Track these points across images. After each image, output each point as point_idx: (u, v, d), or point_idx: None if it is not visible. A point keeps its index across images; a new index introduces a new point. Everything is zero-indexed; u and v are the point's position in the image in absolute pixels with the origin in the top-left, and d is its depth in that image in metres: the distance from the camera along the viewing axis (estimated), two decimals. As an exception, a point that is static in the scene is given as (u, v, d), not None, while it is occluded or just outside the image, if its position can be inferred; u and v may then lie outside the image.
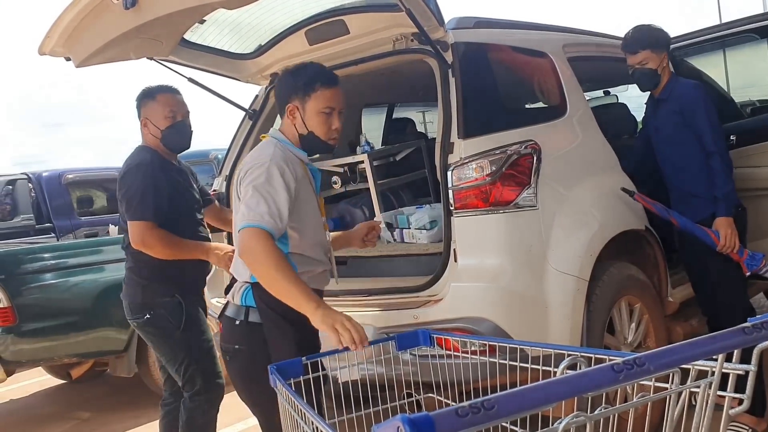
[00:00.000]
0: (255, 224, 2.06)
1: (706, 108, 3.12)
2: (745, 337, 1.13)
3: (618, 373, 1.04)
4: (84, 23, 2.95)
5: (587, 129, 3.39)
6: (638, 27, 3.32)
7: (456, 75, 2.97)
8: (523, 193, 2.87)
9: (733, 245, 3.11)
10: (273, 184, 2.12)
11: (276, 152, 2.20)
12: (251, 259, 2.06)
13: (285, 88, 2.33)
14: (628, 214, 3.32)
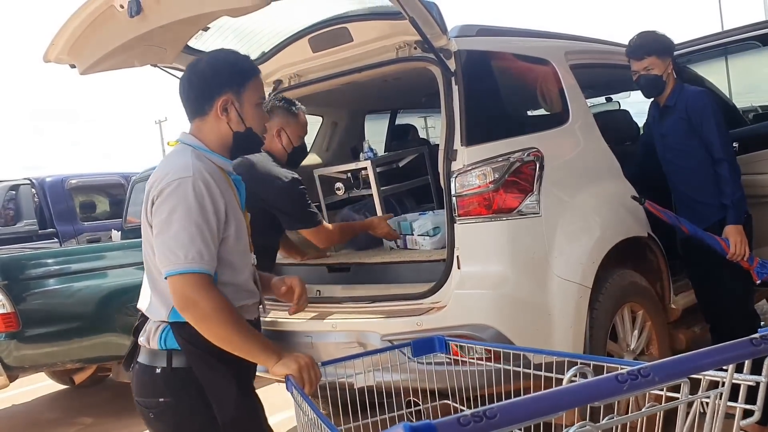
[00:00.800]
0: (193, 269, 1.73)
1: (714, 115, 3.14)
2: (753, 348, 1.13)
3: (622, 383, 1.04)
4: (89, 31, 2.97)
5: (589, 136, 3.40)
6: (643, 33, 3.33)
7: (459, 82, 2.98)
8: (525, 201, 2.88)
9: (743, 253, 3.11)
10: (204, 209, 1.77)
11: (196, 163, 1.82)
12: (197, 315, 1.75)
13: (212, 79, 1.91)
14: (631, 221, 3.33)
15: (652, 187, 3.55)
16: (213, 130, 1.93)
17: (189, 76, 1.95)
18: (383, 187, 3.80)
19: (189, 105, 1.95)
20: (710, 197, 3.21)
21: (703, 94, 3.24)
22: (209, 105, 1.91)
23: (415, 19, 2.79)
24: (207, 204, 1.77)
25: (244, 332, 1.79)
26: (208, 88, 1.91)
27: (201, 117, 1.93)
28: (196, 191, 1.76)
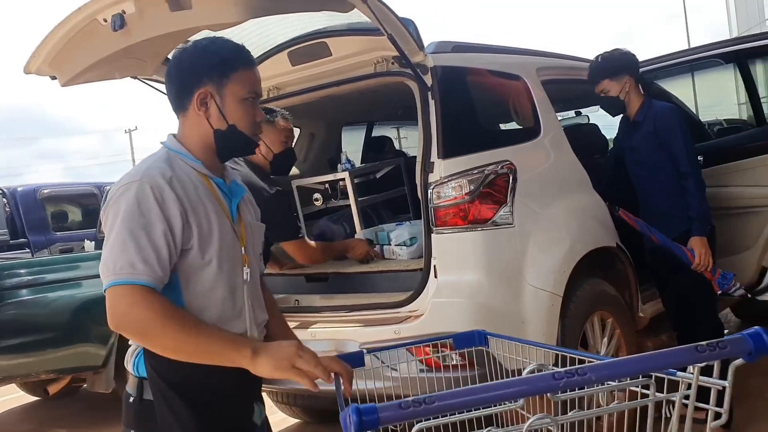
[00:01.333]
0: (121, 281, 1.49)
1: (682, 131, 3.27)
2: (697, 355, 1.16)
3: (558, 380, 1.11)
4: (71, 44, 3.00)
5: (560, 149, 3.52)
6: (596, 58, 3.49)
7: (435, 97, 3.07)
8: (500, 212, 2.98)
9: (707, 264, 3.24)
10: (145, 214, 1.54)
11: (154, 166, 1.62)
12: (134, 331, 1.53)
13: (190, 69, 1.70)
14: (600, 232, 3.44)
15: (622, 199, 3.68)
16: (194, 127, 1.72)
17: (169, 69, 1.76)
18: (361, 198, 3.88)
19: (171, 100, 1.77)
20: (676, 209, 3.34)
21: (671, 111, 3.38)
22: (188, 99, 1.70)
23: (393, 36, 2.87)
24: (151, 208, 1.54)
25: (199, 334, 1.52)
26: (187, 81, 1.70)
27: (182, 113, 1.73)
28: (139, 195, 1.55)
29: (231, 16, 2.67)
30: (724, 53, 4.11)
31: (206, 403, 1.62)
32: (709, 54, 4.13)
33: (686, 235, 3.30)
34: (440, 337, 1.91)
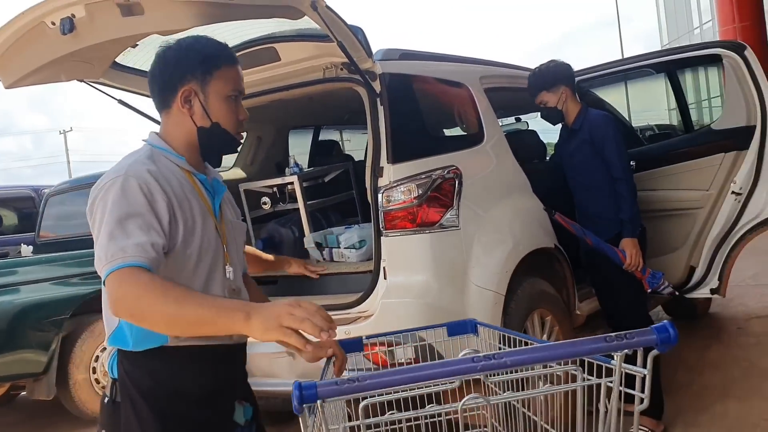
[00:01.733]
0: (113, 267, 1.44)
1: (615, 139, 3.44)
2: (604, 344, 1.27)
3: (476, 363, 1.22)
4: (17, 46, 2.97)
5: (502, 155, 3.66)
6: (533, 72, 3.66)
7: (384, 103, 3.16)
8: (446, 215, 3.09)
9: (637, 264, 3.42)
10: (132, 202, 1.52)
11: (138, 162, 1.61)
12: (128, 309, 1.44)
13: (174, 67, 1.70)
14: (540, 234, 3.59)
15: (560, 203, 3.84)
16: (177, 125, 1.72)
17: (153, 66, 1.75)
18: (310, 202, 3.93)
19: (154, 98, 1.76)
20: (609, 212, 3.50)
21: (605, 118, 3.55)
22: (172, 96, 1.70)
23: (342, 43, 2.94)
24: (138, 199, 1.53)
25: (189, 304, 1.40)
26: (171, 78, 1.70)
27: (166, 111, 1.73)
28: (125, 188, 1.53)
29: (182, 23, 2.69)
30: (655, 63, 4.33)
31: (174, 410, 1.60)
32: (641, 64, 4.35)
33: (619, 237, 3.47)
34: (435, 325, 1.99)
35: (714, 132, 4.01)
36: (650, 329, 1.25)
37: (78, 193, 6.46)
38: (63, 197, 6.56)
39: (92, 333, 5.07)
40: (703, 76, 16.48)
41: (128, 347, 1.60)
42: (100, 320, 5.02)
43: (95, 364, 5.10)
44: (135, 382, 1.59)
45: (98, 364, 5.12)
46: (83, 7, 2.69)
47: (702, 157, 3.95)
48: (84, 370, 5.00)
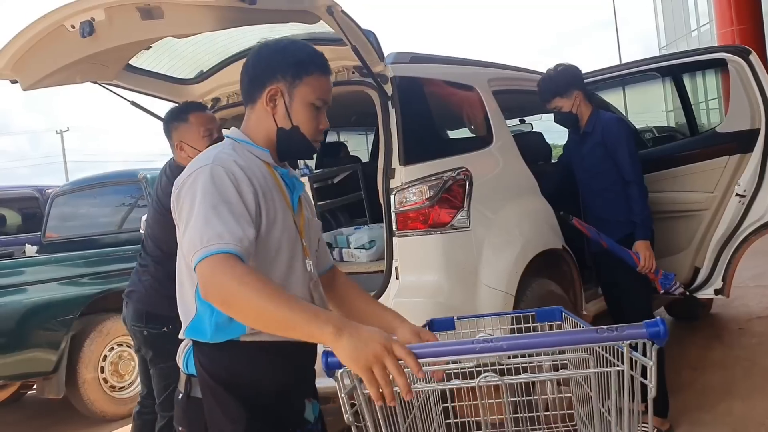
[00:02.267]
0: (210, 252, 1.44)
1: (627, 142, 3.49)
2: (595, 335, 1.35)
3: (475, 345, 1.33)
4: (36, 48, 3.01)
5: (510, 156, 3.70)
6: (544, 78, 3.67)
7: (396, 106, 3.21)
8: (457, 216, 3.14)
9: (651, 266, 3.46)
10: (223, 191, 1.53)
11: (223, 153, 1.63)
12: (220, 296, 1.42)
13: (266, 65, 1.73)
14: (549, 235, 3.64)
15: (567, 203, 3.88)
16: (259, 121, 1.74)
17: (247, 61, 1.77)
18: (319, 203, 3.98)
19: (243, 91, 1.78)
20: (620, 215, 3.54)
21: (618, 122, 3.60)
22: (259, 93, 1.73)
23: (356, 47, 2.99)
24: (226, 185, 1.54)
25: (281, 304, 1.39)
26: (261, 75, 1.72)
27: (251, 106, 1.76)
28: (214, 176, 1.55)
29: (202, 27, 2.74)
30: (660, 67, 4.39)
31: (255, 399, 1.59)
32: (647, 68, 4.41)
33: (629, 238, 3.52)
34: (525, 311, 2.07)
35: (719, 135, 4.06)
36: (641, 324, 1.33)
37: (84, 193, 6.50)
38: (69, 197, 6.59)
39: (101, 332, 5.11)
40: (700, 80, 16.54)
41: (206, 338, 1.59)
42: (108, 320, 5.11)
43: (103, 363, 5.15)
44: (215, 375, 1.58)
45: (106, 364, 5.16)
46: (103, 10, 2.74)
47: (707, 160, 4.01)
48: (92, 370, 5.04)
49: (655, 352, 1.36)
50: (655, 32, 33.02)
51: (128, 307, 3.26)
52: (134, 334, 3.26)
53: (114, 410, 5.14)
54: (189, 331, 1.63)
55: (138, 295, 3.23)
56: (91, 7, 2.75)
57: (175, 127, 3.19)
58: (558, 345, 1.40)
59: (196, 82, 3.89)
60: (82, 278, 5.12)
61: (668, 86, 4.57)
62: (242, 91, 1.78)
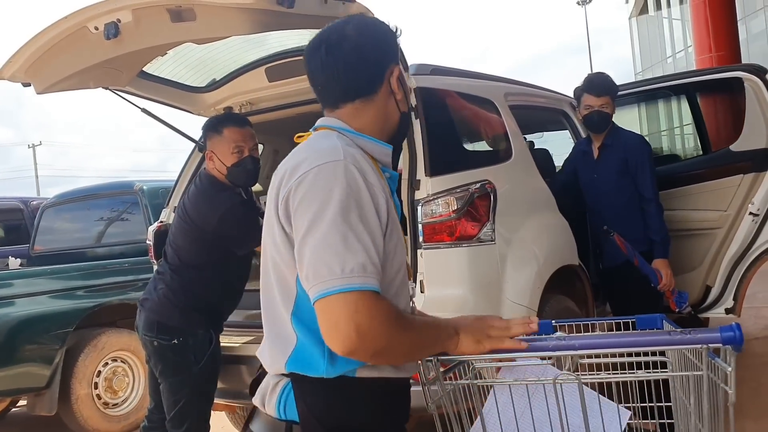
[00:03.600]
0: (357, 286, 1.22)
1: (650, 162, 3.53)
2: (668, 338, 1.38)
3: (548, 342, 1.41)
4: (55, 50, 2.93)
5: (529, 171, 3.68)
6: (602, 74, 3.71)
7: (420, 116, 3.16)
8: (483, 229, 3.09)
9: (671, 284, 3.45)
10: (361, 204, 1.29)
11: (347, 146, 1.36)
12: (371, 347, 1.24)
13: (380, 47, 1.48)
14: (567, 251, 3.61)
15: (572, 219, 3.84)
16: (379, 113, 1.48)
17: (343, 53, 1.45)
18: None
19: (349, 86, 1.46)
20: (636, 232, 3.54)
21: (642, 141, 3.62)
22: (380, 78, 1.47)
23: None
24: (363, 193, 1.29)
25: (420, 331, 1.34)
26: (378, 59, 1.47)
27: (366, 97, 1.46)
28: (349, 179, 1.29)
29: (235, 30, 2.69)
30: (674, 86, 4.42)
31: None
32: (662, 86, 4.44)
33: (644, 255, 3.50)
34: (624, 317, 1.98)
35: (733, 154, 4.08)
36: (716, 328, 1.34)
37: (74, 205, 6.35)
38: (58, 209, 6.43)
39: (95, 347, 4.96)
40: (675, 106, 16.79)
41: (318, 372, 1.32)
42: (103, 334, 4.97)
43: (97, 378, 4.99)
44: (326, 418, 1.34)
45: (100, 379, 5.00)
46: (130, 11, 2.68)
47: (721, 178, 4.02)
48: (86, 386, 4.88)
49: (733, 357, 1.35)
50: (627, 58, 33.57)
51: (141, 315, 3.17)
52: (145, 344, 3.16)
53: (107, 428, 4.97)
54: (292, 364, 1.35)
55: (151, 304, 3.13)
56: (118, 8, 2.69)
57: (209, 136, 3.15)
58: (630, 346, 1.42)
59: (208, 90, 3.82)
60: (78, 291, 4.97)
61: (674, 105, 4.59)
62: (348, 86, 1.46)
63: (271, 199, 1.38)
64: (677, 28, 27.19)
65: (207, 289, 3.09)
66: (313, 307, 1.26)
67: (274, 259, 1.38)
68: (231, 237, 3.06)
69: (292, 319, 1.35)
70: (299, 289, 1.33)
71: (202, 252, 3.09)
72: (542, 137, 5.99)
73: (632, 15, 31.92)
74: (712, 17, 13.42)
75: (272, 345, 1.40)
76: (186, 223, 3.10)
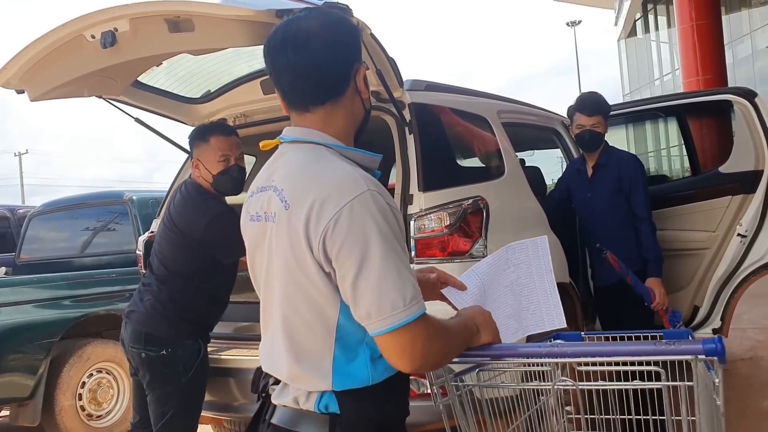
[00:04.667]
0: (417, 314, 1.31)
1: (644, 181, 3.57)
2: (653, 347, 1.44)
3: (542, 349, 1.55)
4: (50, 58, 2.92)
5: (521, 188, 3.70)
6: (594, 93, 3.74)
7: (414, 132, 3.18)
8: (476, 245, 3.10)
9: (665, 303, 3.47)
10: (392, 225, 1.33)
11: (356, 170, 1.39)
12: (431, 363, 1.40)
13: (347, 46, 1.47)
14: (558, 269, 3.60)
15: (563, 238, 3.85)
16: (348, 114, 1.47)
17: (312, 55, 1.41)
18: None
19: (318, 86, 1.44)
20: (629, 251, 3.56)
21: (636, 160, 3.66)
22: (347, 79, 1.45)
23: (380, 71, 2.97)
24: (394, 222, 1.34)
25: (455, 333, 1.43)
26: (346, 58, 1.45)
27: (335, 99, 1.44)
28: (380, 209, 1.32)
29: (232, 42, 2.70)
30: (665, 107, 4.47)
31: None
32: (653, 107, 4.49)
33: (637, 274, 3.52)
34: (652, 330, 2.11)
35: (722, 175, 4.12)
36: (699, 341, 1.42)
37: (62, 214, 6.30)
38: (46, 218, 6.38)
39: (80, 357, 4.90)
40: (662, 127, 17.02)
41: (366, 381, 1.40)
42: (88, 344, 4.93)
43: (81, 390, 4.93)
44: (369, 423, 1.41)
45: (85, 390, 4.95)
46: (128, 20, 2.68)
47: (710, 199, 4.06)
48: (70, 397, 4.82)
49: (720, 369, 1.43)
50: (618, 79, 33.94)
51: (127, 327, 3.13)
52: (132, 356, 3.12)
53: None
54: (339, 382, 1.39)
55: (138, 316, 3.10)
56: (116, 17, 2.69)
57: (196, 144, 3.15)
58: (617, 354, 1.51)
59: (203, 101, 3.82)
60: (64, 300, 4.93)
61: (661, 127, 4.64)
62: (320, 84, 1.44)
63: (292, 231, 1.36)
64: (665, 51, 27.52)
65: (195, 299, 3.07)
66: (355, 330, 1.37)
67: (302, 287, 1.38)
68: (217, 245, 3.04)
69: (336, 345, 1.39)
70: (342, 319, 1.38)
71: (189, 261, 3.08)
72: (533, 155, 6.03)
73: (621, 37, 32.28)
74: (699, 41, 13.63)
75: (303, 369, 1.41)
76: (172, 233, 3.08)
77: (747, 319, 6.92)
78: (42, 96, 3.12)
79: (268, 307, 1.48)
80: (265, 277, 1.46)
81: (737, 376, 5.34)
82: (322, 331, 1.39)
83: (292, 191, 1.38)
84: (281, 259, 1.40)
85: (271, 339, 1.48)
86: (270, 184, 1.45)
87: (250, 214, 1.52)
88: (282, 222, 1.39)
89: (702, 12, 13.49)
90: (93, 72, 3.00)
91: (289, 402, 1.45)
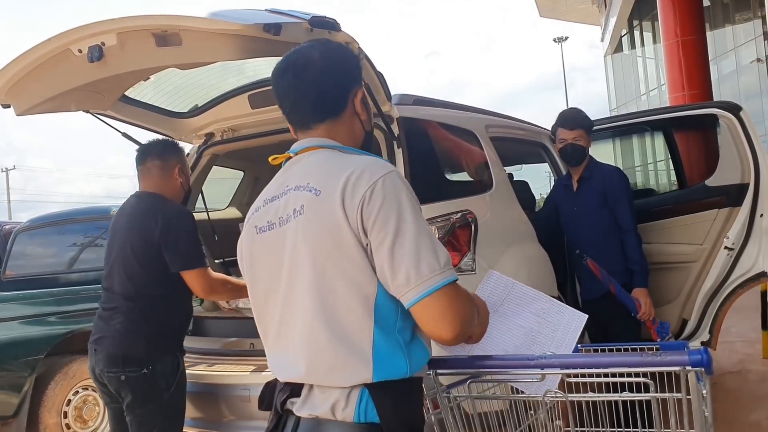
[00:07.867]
0: (452, 278, 1.40)
1: (628, 194, 3.59)
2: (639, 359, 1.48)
3: (531, 360, 1.59)
4: (36, 72, 2.90)
5: (509, 202, 3.71)
6: (574, 108, 3.78)
7: (402, 146, 3.18)
8: (464, 259, 3.09)
9: (651, 313, 3.48)
10: (420, 207, 1.47)
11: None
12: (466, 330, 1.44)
13: (344, 69, 1.63)
14: (547, 281, 3.63)
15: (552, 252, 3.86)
16: (348, 130, 1.62)
17: (310, 75, 1.58)
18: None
19: (315, 107, 1.59)
20: (615, 263, 3.57)
21: (620, 174, 3.69)
22: (344, 101, 1.61)
23: (368, 85, 2.97)
24: (417, 199, 1.47)
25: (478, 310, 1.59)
26: (343, 82, 1.61)
27: (333, 118, 1.60)
28: (406, 185, 1.45)
29: (220, 56, 2.69)
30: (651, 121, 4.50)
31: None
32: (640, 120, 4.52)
33: (624, 286, 3.53)
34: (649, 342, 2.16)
35: (709, 188, 4.15)
36: (685, 351, 1.44)
37: (49, 229, 6.24)
38: (33, 234, 6.32)
39: (66, 375, 4.84)
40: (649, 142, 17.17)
41: (404, 373, 1.42)
42: (74, 361, 4.88)
43: (67, 407, 4.86)
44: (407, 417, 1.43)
45: (70, 408, 4.88)
46: (115, 35, 2.66)
47: (697, 212, 4.09)
48: (55, 415, 4.76)
49: (708, 380, 1.48)
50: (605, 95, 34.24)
51: (98, 354, 2.99)
52: (109, 381, 2.98)
53: (75, 458, 4.85)
54: (379, 372, 1.40)
55: (110, 341, 2.97)
56: (103, 32, 2.67)
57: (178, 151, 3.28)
58: (605, 366, 1.55)
59: (190, 116, 3.81)
60: (50, 317, 4.88)
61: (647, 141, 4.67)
62: (318, 105, 1.59)
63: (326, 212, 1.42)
64: (651, 67, 27.80)
65: (168, 312, 3.02)
66: (392, 313, 1.42)
67: (341, 266, 1.41)
68: (173, 246, 2.96)
69: (375, 328, 1.41)
70: (380, 298, 1.41)
71: (159, 274, 2.99)
72: (521, 169, 6.05)
73: (607, 53, 32.62)
74: (684, 57, 13.79)
75: (341, 360, 1.41)
76: (132, 249, 3.01)
77: (735, 332, 6.95)
78: (29, 110, 3.09)
79: (286, 315, 1.49)
80: (285, 282, 1.49)
81: (725, 390, 5.35)
82: (362, 312, 1.41)
83: (320, 179, 1.47)
84: (311, 247, 1.43)
85: (286, 348, 1.50)
86: (285, 190, 1.54)
87: (256, 227, 1.59)
88: (312, 209, 1.45)
89: (687, 28, 13.68)
90: (80, 86, 2.98)
91: (323, 412, 1.43)
